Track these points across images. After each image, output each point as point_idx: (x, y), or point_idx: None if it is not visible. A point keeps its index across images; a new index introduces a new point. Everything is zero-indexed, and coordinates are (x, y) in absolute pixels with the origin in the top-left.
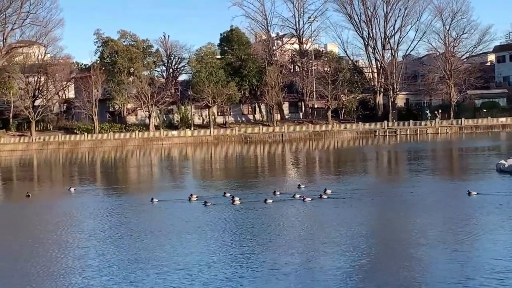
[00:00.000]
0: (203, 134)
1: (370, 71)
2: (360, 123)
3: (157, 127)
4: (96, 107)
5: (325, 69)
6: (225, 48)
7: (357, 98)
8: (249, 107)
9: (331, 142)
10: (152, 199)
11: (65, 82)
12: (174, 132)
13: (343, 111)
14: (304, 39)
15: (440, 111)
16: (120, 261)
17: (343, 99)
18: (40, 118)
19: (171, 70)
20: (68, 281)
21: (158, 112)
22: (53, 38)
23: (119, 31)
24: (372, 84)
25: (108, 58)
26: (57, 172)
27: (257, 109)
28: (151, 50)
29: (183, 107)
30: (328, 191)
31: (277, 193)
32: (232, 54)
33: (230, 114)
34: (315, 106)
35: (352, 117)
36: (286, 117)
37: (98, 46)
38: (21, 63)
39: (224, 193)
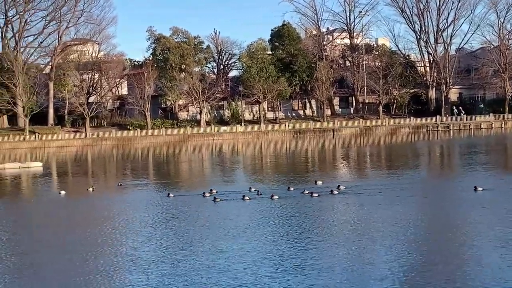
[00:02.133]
0: (253, 130)
1: (423, 65)
2: (412, 118)
3: (208, 123)
4: (148, 104)
5: (376, 63)
6: (276, 43)
7: (409, 92)
8: (300, 102)
9: (382, 137)
10: (169, 194)
11: (118, 79)
12: (224, 128)
13: (394, 106)
14: (355, 34)
15: (461, 107)
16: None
17: (395, 94)
18: (94, 115)
19: (221, 66)
20: (155, 268)
21: (209, 108)
22: (107, 36)
23: (171, 28)
24: (424, 78)
25: (160, 55)
26: (111, 167)
27: (308, 105)
28: (202, 47)
29: (233, 103)
30: (342, 187)
31: (291, 189)
32: (283, 49)
33: (280, 110)
34: (366, 101)
35: (403, 112)
36: (337, 112)
37: (150, 43)
38: (76, 61)
39: (250, 188)
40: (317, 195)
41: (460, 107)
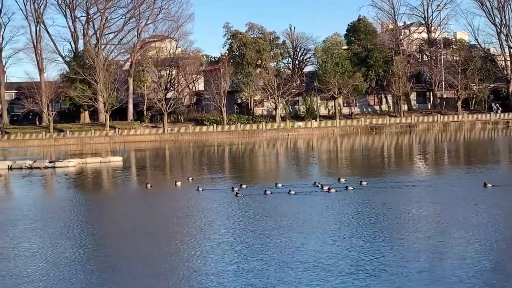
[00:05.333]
0: (328, 125)
1: (503, 59)
2: (492, 113)
3: (283, 118)
4: (224, 99)
5: (455, 58)
6: (352, 38)
7: (489, 87)
8: (375, 97)
9: (460, 133)
10: (198, 187)
11: (195, 75)
12: (300, 123)
13: (473, 101)
14: (432, 28)
15: (498, 104)
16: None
17: (474, 89)
18: (171, 110)
19: (296, 62)
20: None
21: (284, 103)
22: (184, 32)
23: (247, 24)
24: (505, 72)
25: (236, 51)
26: (188, 162)
27: (384, 100)
28: (278, 42)
29: (308, 98)
30: (364, 183)
31: (317, 183)
32: (359, 44)
33: (356, 105)
34: (444, 96)
35: (483, 107)
36: (414, 107)
37: (227, 39)
38: (154, 57)
39: (276, 183)
40: (334, 190)
41: (498, 104)
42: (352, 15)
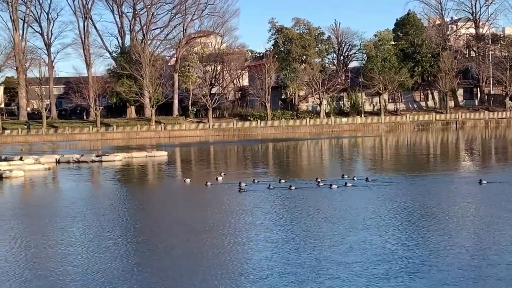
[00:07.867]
0: (373, 121)
1: None
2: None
3: (327, 114)
4: (269, 95)
5: (503, 53)
6: (399, 33)
7: None
8: (422, 93)
9: (508, 130)
10: (206, 182)
11: (240, 71)
12: (344, 119)
13: None
14: (480, 23)
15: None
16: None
17: None
18: (216, 106)
19: (341, 57)
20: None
21: (329, 99)
22: (229, 28)
23: (293, 19)
24: None
25: (281, 46)
26: (232, 157)
27: (430, 96)
28: (323, 38)
29: (353, 94)
30: (370, 180)
31: (319, 179)
32: (406, 39)
33: (401, 101)
34: (492, 92)
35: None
36: (460, 104)
37: (271, 34)
38: (200, 53)
39: (280, 179)
40: (336, 186)
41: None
42: (398, 11)
